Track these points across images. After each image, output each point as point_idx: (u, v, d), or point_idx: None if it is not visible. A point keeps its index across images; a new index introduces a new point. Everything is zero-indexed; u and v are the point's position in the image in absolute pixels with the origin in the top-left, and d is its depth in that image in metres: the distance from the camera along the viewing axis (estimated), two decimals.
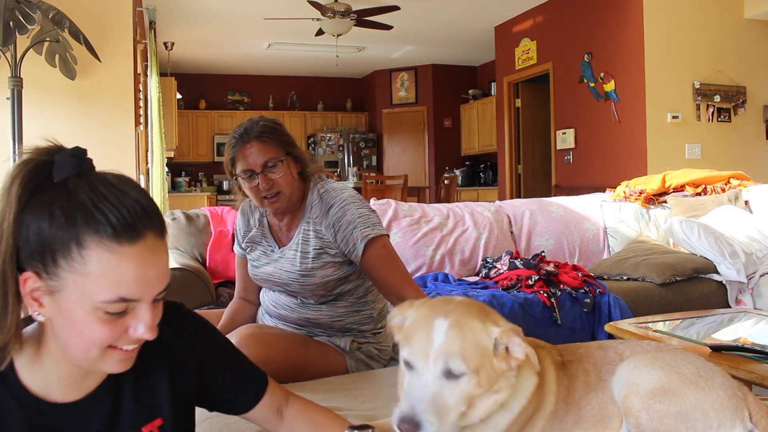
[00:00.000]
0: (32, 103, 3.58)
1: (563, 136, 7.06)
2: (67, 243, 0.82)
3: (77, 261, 0.82)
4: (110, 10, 4.18)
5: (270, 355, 1.66)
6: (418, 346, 1.03)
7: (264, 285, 1.96)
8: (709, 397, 1.07)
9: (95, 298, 0.83)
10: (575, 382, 1.15)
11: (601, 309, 2.94)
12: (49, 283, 0.84)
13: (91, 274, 0.82)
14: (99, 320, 0.84)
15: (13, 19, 2.72)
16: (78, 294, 0.83)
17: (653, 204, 3.97)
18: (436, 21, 7.86)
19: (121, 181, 0.87)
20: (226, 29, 8.02)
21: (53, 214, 0.83)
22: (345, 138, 10.89)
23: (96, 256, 0.82)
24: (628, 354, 1.18)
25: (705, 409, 1.06)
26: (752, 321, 2.53)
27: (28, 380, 0.90)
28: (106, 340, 0.86)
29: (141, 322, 0.87)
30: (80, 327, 0.85)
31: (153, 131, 5.28)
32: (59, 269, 0.83)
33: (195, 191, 9.70)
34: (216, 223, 3.13)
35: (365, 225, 1.78)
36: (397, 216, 3.51)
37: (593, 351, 1.22)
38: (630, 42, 6.05)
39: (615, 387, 1.14)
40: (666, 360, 1.13)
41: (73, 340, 0.86)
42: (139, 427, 0.97)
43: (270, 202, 1.80)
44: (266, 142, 1.76)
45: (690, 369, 1.11)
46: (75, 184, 0.85)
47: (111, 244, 0.83)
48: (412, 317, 1.09)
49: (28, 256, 0.84)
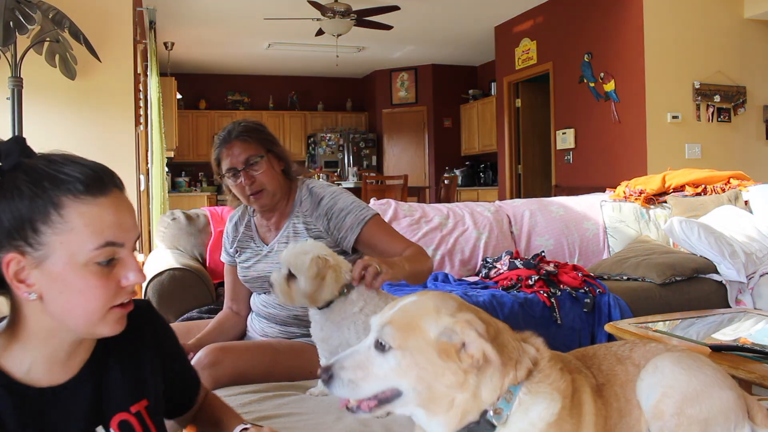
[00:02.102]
0: (32, 103, 3.58)
1: (563, 136, 7.06)
2: (43, 209, 0.85)
3: (58, 222, 0.86)
4: (110, 10, 4.18)
5: (237, 365, 1.71)
6: (375, 317, 1.03)
7: (255, 287, 1.97)
8: (730, 398, 1.07)
9: (84, 249, 0.87)
10: (610, 411, 1.09)
11: (601, 309, 2.94)
12: (34, 255, 0.86)
13: (75, 229, 0.86)
14: (92, 275, 0.88)
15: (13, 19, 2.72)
16: (66, 253, 0.86)
17: (653, 204, 3.97)
18: (436, 21, 7.86)
19: (68, 154, 0.92)
20: (226, 29, 8.02)
21: (20, 190, 0.86)
22: (345, 138, 10.89)
23: (74, 210, 0.86)
24: (644, 362, 1.14)
25: (727, 413, 1.06)
26: (752, 321, 2.53)
27: (9, 367, 0.90)
28: (103, 296, 0.89)
29: (129, 269, 0.91)
30: (77, 288, 0.87)
31: (153, 131, 5.28)
32: (42, 236, 0.86)
33: (195, 191, 9.70)
34: (216, 223, 3.13)
35: (358, 209, 1.87)
36: (397, 216, 3.51)
37: (616, 367, 1.15)
38: (630, 42, 6.05)
39: (642, 393, 1.09)
40: (686, 360, 1.11)
41: (74, 304, 0.88)
42: (128, 407, 0.98)
43: (255, 198, 1.88)
44: (246, 141, 1.86)
45: (709, 369, 1.11)
46: (29, 164, 0.88)
47: (85, 197, 0.87)
48: None
49: (5, 238, 0.86)
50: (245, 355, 1.75)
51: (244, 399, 1.56)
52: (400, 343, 0.96)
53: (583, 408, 1.05)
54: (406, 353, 0.95)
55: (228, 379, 1.68)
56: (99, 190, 0.88)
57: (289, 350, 1.83)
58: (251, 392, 1.62)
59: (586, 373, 1.12)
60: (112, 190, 0.90)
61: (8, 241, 0.86)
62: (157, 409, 1.03)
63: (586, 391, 1.07)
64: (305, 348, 1.82)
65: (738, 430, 1.06)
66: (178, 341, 1.16)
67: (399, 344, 0.96)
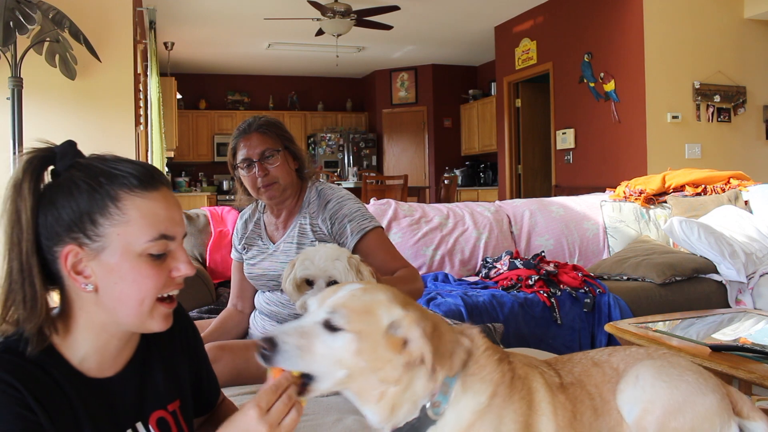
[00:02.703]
0: (32, 103, 3.58)
1: (563, 136, 7.06)
2: (102, 202, 0.90)
3: (116, 214, 0.91)
4: (110, 10, 4.18)
5: (236, 363, 1.71)
6: (323, 294, 1.02)
7: (259, 284, 1.99)
8: (713, 402, 1.07)
9: (140, 240, 0.91)
10: (582, 407, 1.09)
11: (601, 309, 2.94)
12: (92, 246, 0.91)
13: (132, 221, 0.91)
14: (147, 265, 0.92)
15: (13, 19, 2.72)
16: (123, 244, 0.91)
17: (653, 204, 3.97)
18: (436, 21, 7.86)
19: (118, 156, 0.97)
20: (226, 29, 8.02)
21: (78, 186, 0.91)
22: (345, 138, 10.89)
23: (131, 204, 0.91)
24: (623, 367, 1.14)
25: (711, 418, 1.06)
26: (752, 321, 2.53)
27: (69, 357, 0.94)
28: (155, 285, 0.93)
29: (180, 261, 0.96)
30: (132, 277, 0.92)
31: (153, 131, 5.28)
32: (101, 227, 0.90)
33: (195, 191, 9.70)
34: (216, 223, 3.13)
35: (362, 218, 1.88)
36: (397, 216, 3.51)
37: (591, 369, 1.15)
38: (630, 42, 6.05)
39: (624, 407, 1.09)
40: (667, 369, 1.11)
41: (127, 294, 0.92)
42: (165, 405, 1.02)
43: (265, 190, 1.89)
44: (265, 134, 1.89)
45: (690, 375, 1.10)
46: (84, 163, 0.94)
47: (141, 191, 0.92)
48: None
49: (65, 231, 0.90)
50: (244, 353, 1.75)
51: (244, 399, 1.56)
52: (355, 326, 0.95)
53: (534, 396, 1.05)
54: (356, 338, 0.94)
55: (227, 377, 1.68)
56: (152, 185, 0.94)
57: None
58: (251, 392, 1.62)
59: (543, 370, 1.12)
60: (162, 186, 0.95)
61: (67, 234, 0.90)
62: (189, 409, 1.07)
63: (537, 380, 1.07)
64: None
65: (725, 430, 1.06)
66: (203, 343, 1.19)
67: (353, 327, 0.95)
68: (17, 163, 0.93)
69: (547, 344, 2.78)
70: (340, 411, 1.49)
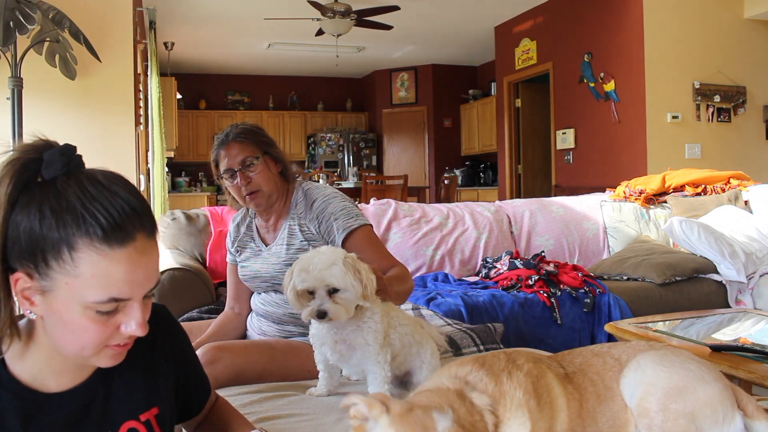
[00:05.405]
0: (32, 103, 3.58)
1: (563, 136, 7.06)
2: (57, 245, 0.83)
3: (68, 263, 0.83)
4: (110, 10, 4.18)
5: (235, 363, 1.71)
6: None
7: (253, 285, 2.00)
8: (715, 391, 1.08)
9: (86, 298, 0.84)
10: (586, 395, 1.12)
11: (601, 309, 2.94)
12: (40, 283, 0.84)
13: (82, 276, 0.83)
14: (90, 320, 0.85)
15: (13, 19, 2.71)
16: (69, 294, 0.84)
17: (653, 204, 3.97)
18: (436, 21, 7.86)
19: (111, 180, 0.87)
20: (226, 29, 8.02)
21: (43, 214, 0.83)
22: (345, 138, 10.89)
23: (86, 258, 0.83)
24: (625, 358, 1.16)
25: (713, 405, 1.07)
26: (752, 321, 2.53)
27: (19, 372, 0.90)
28: (98, 339, 0.87)
29: (132, 319, 0.88)
30: (72, 327, 0.85)
31: (153, 131, 5.28)
32: (50, 270, 0.83)
33: (195, 191, 9.70)
34: (216, 223, 3.13)
35: (348, 216, 1.87)
36: (397, 216, 3.51)
37: (591, 359, 1.19)
38: (630, 42, 6.05)
39: (626, 390, 1.12)
40: (669, 357, 1.13)
41: (66, 339, 0.87)
42: (137, 415, 0.97)
43: (250, 199, 1.90)
44: (243, 143, 1.89)
45: (693, 364, 1.12)
46: (64, 184, 0.85)
47: (101, 246, 0.83)
48: None
49: (19, 256, 0.84)
50: (243, 353, 1.75)
51: (245, 399, 1.56)
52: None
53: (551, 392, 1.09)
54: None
55: (226, 377, 1.68)
56: (118, 240, 0.84)
57: (287, 349, 1.84)
58: (251, 392, 1.62)
59: (549, 363, 1.15)
60: (135, 237, 0.85)
61: (22, 259, 0.84)
62: (168, 417, 1.03)
63: (549, 375, 1.11)
64: (302, 347, 1.82)
65: (727, 420, 1.07)
66: (192, 346, 1.15)
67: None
68: (6, 159, 0.87)
69: (547, 344, 2.78)
70: (340, 411, 1.49)
